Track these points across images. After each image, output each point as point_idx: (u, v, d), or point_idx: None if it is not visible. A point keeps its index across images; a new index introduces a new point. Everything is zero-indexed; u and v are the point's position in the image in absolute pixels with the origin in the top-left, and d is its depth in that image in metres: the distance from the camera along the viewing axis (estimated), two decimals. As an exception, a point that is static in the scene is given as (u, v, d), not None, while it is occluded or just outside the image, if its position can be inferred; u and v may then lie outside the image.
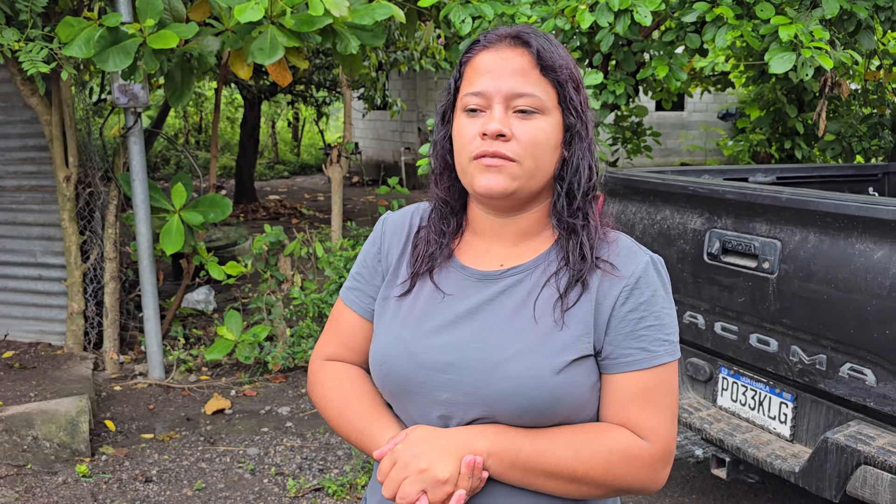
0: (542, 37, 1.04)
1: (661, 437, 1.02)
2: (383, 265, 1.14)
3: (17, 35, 3.50)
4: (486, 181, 1.00)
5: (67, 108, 4.18)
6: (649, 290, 1.03)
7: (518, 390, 0.97)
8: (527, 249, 1.07)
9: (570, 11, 3.57)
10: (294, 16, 3.60)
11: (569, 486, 0.99)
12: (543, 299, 1.02)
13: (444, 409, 1.02)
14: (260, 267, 4.55)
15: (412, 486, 0.96)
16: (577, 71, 1.05)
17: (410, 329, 1.06)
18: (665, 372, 1.03)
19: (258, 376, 4.39)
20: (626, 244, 1.07)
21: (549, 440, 0.99)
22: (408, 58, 6.64)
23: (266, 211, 9.97)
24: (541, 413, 0.99)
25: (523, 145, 0.99)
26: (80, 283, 4.36)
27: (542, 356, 0.99)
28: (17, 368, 4.16)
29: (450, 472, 0.96)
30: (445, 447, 0.97)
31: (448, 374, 1.01)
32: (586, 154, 1.05)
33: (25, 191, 4.48)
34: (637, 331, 1.02)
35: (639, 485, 1.02)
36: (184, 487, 3.19)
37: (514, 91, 0.99)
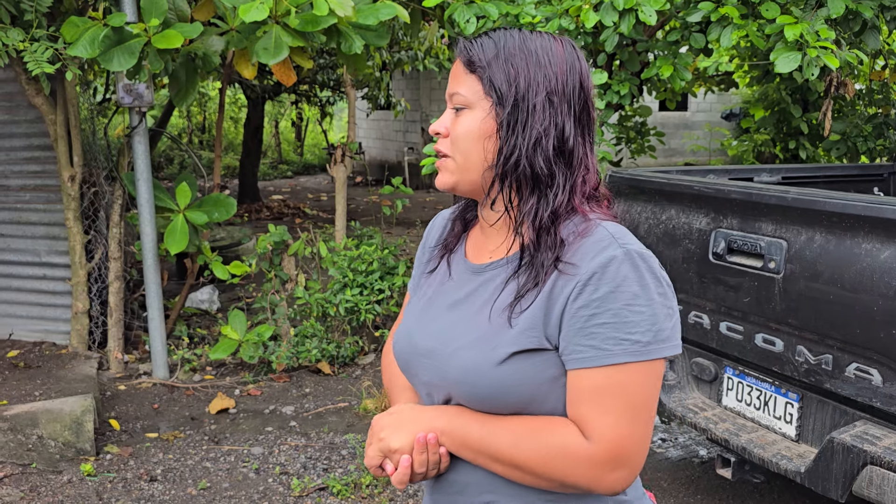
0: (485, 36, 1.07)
1: (604, 438, 0.99)
2: (425, 255, 1.27)
3: (22, 35, 3.51)
4: (437, 179, 1.12)
5: (72, 108, 4.19)
6: (608, 287, 0.99)
7: (465, 378, 1.05)
8: (507, 242, 1.11)
9: (574, 11, 3.57)
10: (298, 15, 3.60)
11: (513, 472, 1.04)
12: (504, 297, 1.07)
13: (426, 389, 1.14)
14: (264, 267, 4.55)
15: (373, 452, 1.10)
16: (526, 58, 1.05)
17: (416, 314, 1.18)
18: (621, 372, 0.99)
19: (262, 376, 4.40)
20: (595, 239, 1.03)
21: (496, 427, 1.04)
22: (411, 58, 6.64)
23: (269, 211, 9.98)
24: (487, 399, 1.05)
25: (452, 140, 1.09)
26: (85, 283, 4.36)
27: (486, 349, 1.04)
28: (22, 368, 4.16)
29: (400, 443, 1.07)
30: (406, 423, 1.09)
31: (427, 358, 1.12)
32: (526, 146, 1.04)
33: (30, 190, 4.49)
34: (587, 328, 1.00)
35: (580, 483, 1.01)
36: (188, 487, 3.19)
37: (449, 93, 1.10)
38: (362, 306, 4.41)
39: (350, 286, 4.49)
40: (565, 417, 1.04)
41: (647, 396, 1.01)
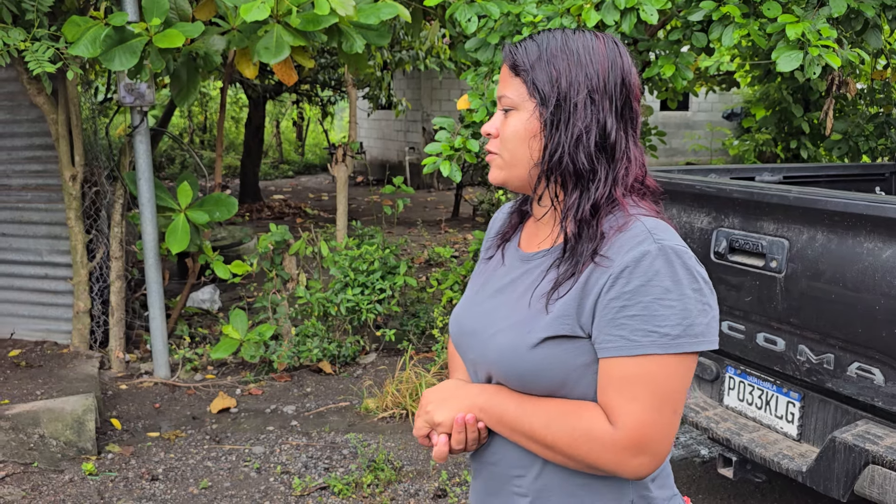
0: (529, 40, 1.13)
1: (627, 425, 1.03)
2: (487, 243, 1.33)
3: (24, 35, 3.51)
4: (489, 174, 1.19)
5: (73, 108, 4.19)
6: (639, 280, 1.03)
7: (502, 358, 1.12)
8: (554, 234, 1.17)
9: (575, 10, 3.56)
10: (300, 15, 3.60)
11: (544, 451, 1.10)
12: (544, 285, 1.12)
13: (472, 367, 1.22)
14: (265, 266, 4.55)
15: (420, 423, 1.19)
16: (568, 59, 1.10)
17: (469, 297, 1.27)
18: (649, 363, 1.03)
19: (263, 375, 4.40)
20: (632, 234, 1.06)
21: (531, 407, 1.10)
22: (413, 57, 6.64)
23: (271, 210, 9.98)
24: (521, 379, 1.11)
25: (501, 140, 1.15)
26: (87, 282, 4.37)
27: (522, 332, 1.10)
28: (24, 367, 4.17)
29: (443, 417, 1.16)
30: (450, 398, 1.18)
31: (472, 337, 1.20)
32: (569, 145, 1.09)
33: (31, 190, 4.50)
34: (618, 319, 1.04)
35: (603, 465, 1.06)
36: (190, 486, 3.19)
37: (497, 95, 1.17)
38: (363, 306, 4.41)
39: (351, 286, 4.49)
40: (595, 402, 1.09)
41: (674, 388, 1.04)
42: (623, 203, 1.09)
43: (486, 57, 3.81)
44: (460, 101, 3.83)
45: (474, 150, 3.74)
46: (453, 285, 4.81)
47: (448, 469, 3.32)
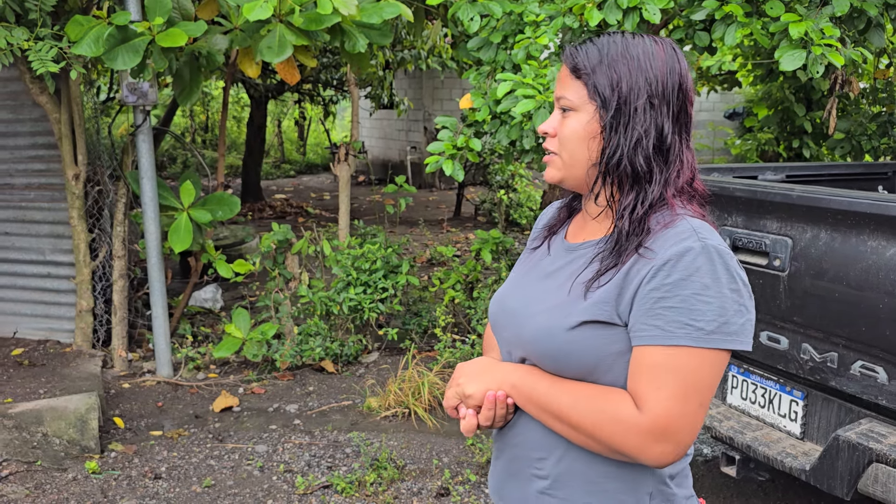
0: (589, 42, 1.16)
1: (652, 411, 1.06)
2: (535, 234, 1.39)
3: (27, 34, 3.52)
4: (545, 172, 1.24)
5: (76, 107, 4.19)
6: (680, 274, 1.07)
7: (538, 338, 1.17)
8: (603, 228, 1.21)
9: (578, 9, 3.56)
10: (302, 14, 3.60)
11: (570, 432, 1.13)
12: (587, 273, 1.17)
13: (507, 346, 1.26)
14: (268, 265, 4.56)
15: (451, 394, 1.24)
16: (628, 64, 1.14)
17: (512, 282, 1.32)
18: (680, 354, 1.06)
19: (266, 374, 4.40)
20: (677, 231, 1.11)
21: (560, 387, 1.14)
22: (415, 56, 6.64)
23: (272, 210, 9.98)
24: (555, 360, 1.15)
25: (560, 140, 1.19)
26: (89, 281, 4.37)
27: (560, 314, 1.15)
28: (27, 366, 4.17)
29: (474, 390, 1.20)
30: (483, 373, 1.22)
31: (510, 317, 1.25)
32: (628, 147, 1.14)
33: (34, 189, 4.50)
34: (655, 309, 1.08)
35: (626, 449, 1.09)
36: (193, 484, 3.20)
37: (556, 96, 1.20)
38: (366, 305, 4.41)
39: (353, 285, 4.49)
40: (623, 389, 1.12)
41: (703, 381, 1.07)
42: (672, 203, 1.14)
43: (488, 56, 3.81)
44: (463, 101, 3.83)
45: (477, 149, 3.75)
46: (455, 284, 4.81)
47: (451, 468, 3.32)
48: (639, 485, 1.15)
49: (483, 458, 3.35)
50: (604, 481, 1.15)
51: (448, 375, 4.09)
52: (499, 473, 1.28)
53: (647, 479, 1.16)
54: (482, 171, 9.10)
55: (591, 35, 3.89)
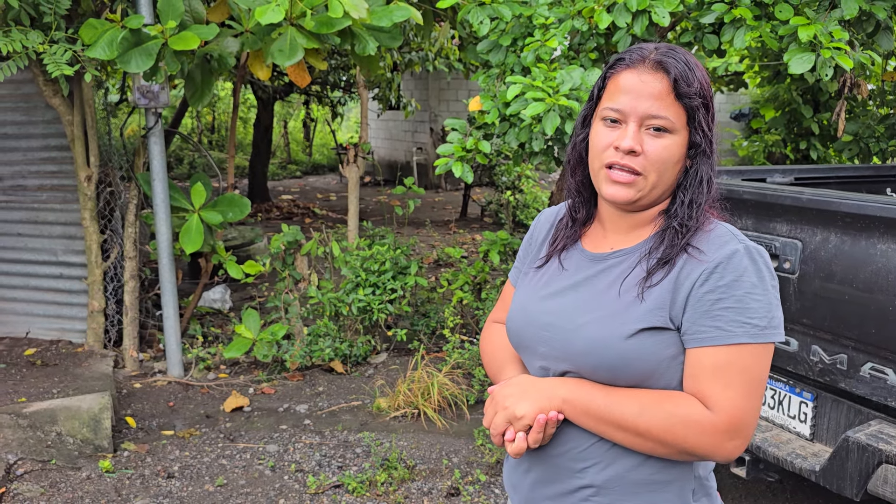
0: (681, 61, 1.16)
1: (724, 409, 1.10)
2: (533, 248, 1.38)
3: (42, 37, 3.55)
4: (613, 191, 1.19)
5: (89, 109, 4.23)
6: (732, 275, 1.12)
7: (592, 349, 1.16)
8: (635, 236, 1.23)
9: (587, 12, 3.58)
10: (314, 17, 3.63)
11: (634, 440, 1.14)
12: (632, 277, 1.18)
13: (542, 361, 1.23)
14: (277, 266, 4.59)
15: (499, 419, 1.20)
16: (710, 88, 1.18)
17: (531, 295, 1.29)
18: (742, 352, 1.11)
19: (276, 374, 4.43)
20: (720, 233, 1.17)
21: (620, 396, 1.14)
22: (422, 58, 6.67)
23: (279, 211, 10.02)
24: (611, 371, 1.15)
25: (650, 161, 1.16)
26: (101, 282, 4.41)
27: (616, 323, 1.15)
28: (40, 366, 4.21)
29: (525, 411, 1.17)
30: (529, 392, 1.19)
31: (546, 331, 1.22)
32: (709, 168, 1.18)
33: (47, 190, 4.54)
34: (713, 310, 1.12)
35: (701, 450, 1.12)
36: (205, 483, 3.23)
37: (648, 113, 1.16)
38: (375, 306, 4.44)
39: (363, 286, 4.52)
40: (682, 392, 1.15)
41: (761, 374, 1.13)
42: (707, 209, 1.20)
43: (497, 59, 3.83)
44: (472, 103, 3.85)
45: (486, 151, 3.77)
46: (463, 286, 4.83)
47: (461, 468, 3.35)
48: (684, 483, 1.20)
49: (493, 458, 3.38)
50: (649, 484, 1.18)
51: (457, 376, 4.11)
52: (531, 484, 1.26)
53: (690, 477, 1.21)
54: (488, 172, 9.12)
55: (600, 38, 3.88)
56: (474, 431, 3.64)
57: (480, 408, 4.01)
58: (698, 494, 1.22)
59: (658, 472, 1.18)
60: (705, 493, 1.24)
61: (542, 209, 6.46)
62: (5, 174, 4.58)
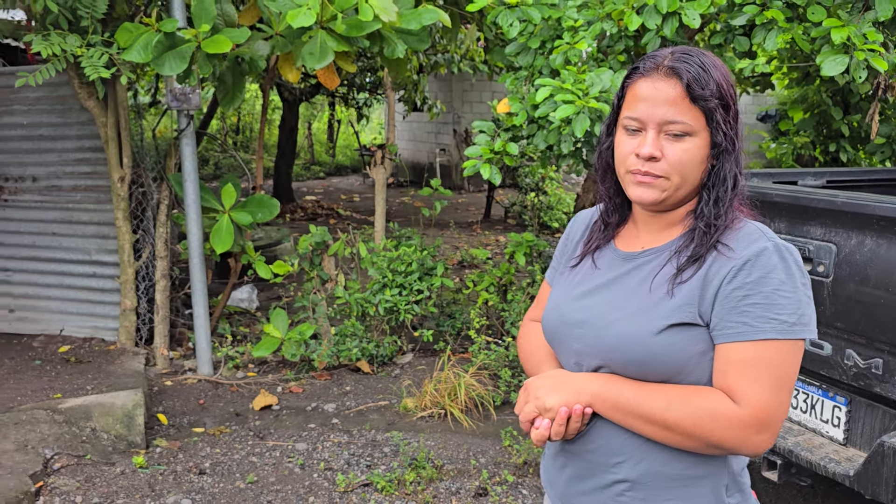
0: (695, 64, 1.18)
1: (751, 404, 1.12)
2: (568, 248, 1.43)
3: (80, 41, 3.63)
4: (639, 193, 1.23)
5: (122, 111, 4.30)
6: (759, 272, 1.14)
7: (622, 345, 1.19)
8: (666, 235, 1.27)
9: (616, 14, 3.58)
10: (344, 20, 3.67)
11: (663, 433, 1.17)
12: (663, 274, 1.21)
13: (576, 357, 1.28)
14: (305, 266, 4.63)
15: (530, 409, 1.24)
16: (730, 88, 1.19)
17: (565, 294, 1.34)
18: (769, 347, 1.13)
19: (303, 373, 4.48)
20: (749, 231, 1.19)
21: (648, 391, 1.18)
22: (448, 60, 6.70)
23: (304, 211, 10.10)
24: (641, 366, 1.18)
25: (671, 164, 1.20)
26: (133, 281, 4.48)
27: (646, 319, 1.18)
28: (73, 363, 4.29)
29: (554, 402, 1.22)
30: (561, 385, 1.23)
31: (579, 328, 1.26)
32: (733, 166, 1.20)
33: (81, 190, 4.63)
34: (740, 306, 1.14)
35: (728, 443, 1.14)
36: (236, 480, 3.27)
37: (665, 119, 1.19)
38: (401, 306, 4.47)
39: (389, 286, 4.55)
40: (709, 387, 1.17)
41: (789, 370, 1.15)
42: (737, 206, 1.23)
43: (525, 61, 3.84)
44: (500, 105, 3.87)
45: (514, 153, 3.78)
46: (489, 287, 4.85)
47: (488, 468, 3.36)
48: (718, 479, 1.21)
49: (520, 459, 3.39)
50: (683, 479, 1.20)
51: (483, 377, 4.13)
52: (567, 480, 1.30)
53: (723, 472, 1.22)
54: (511, 173, 9.13)
55: (629, 40, 3.88)
56: (501, 432, 3.65)
57: (507, 409, 4.02)
58: (731, 490, 1.23)
59: (691, 467, 1.20)
60: (738, 490, 1.25)
61: (567, 211, 6.42)
62: (41, 175, 4.67)
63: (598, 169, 1.35)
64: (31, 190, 4.71)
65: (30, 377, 4.08)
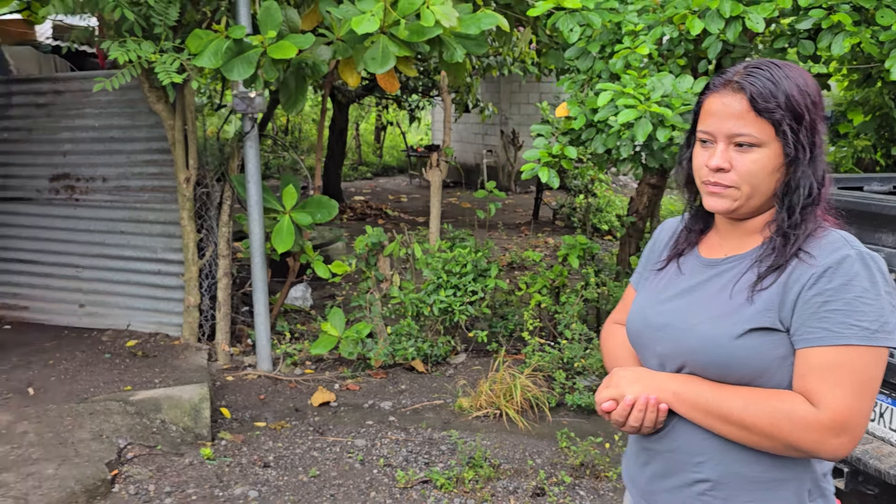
0: (764, 78, 1.21)
1: (830, 407, 1.14)
2: (654, 254, 1.48)
3: (153, 47, 3.77)
4: (711, 202, 1.29)
5: (189, 114, 4.45)
6: (841, 280, 1.16)
7: (703, 347, 1.24)
8: (748, 243, 1.30)
9: (678, 19, 3.58)
10: (406, 26, 3.74)
11: (741, 433, 1.20)
12: (744, 280, 1.25)
13: (658, 359, 1.33)
14: (362, 266, 4.72)
15: (608, 393, 1.31)
16: (805, 99, 1.21)
17: (650, 298, 1.39)
18: (850, 353, 1.15)
19: (359, 371, 4.57)
20: (832, 239, 1.22)
21: (727, 392, 1.21)
22: (500, 63, 6.74)
23: (353, 211, 10.24)
24: (722, 368, 1.22)
25: (740, 175, 1.24)
26: (196, 279, 4.63)
27: (726, 324, 1.22)
28: (140, 356, 4.45)
29: (633, 393, 1.28)
30: (642, 379, 1.30)
31: (662, 332, 1.32)
32: (808, 175, 1.22)
33: (148, 191, 4.80)
34: (820, 312, 1.17)
35: (806, 445, 1.16)
36: (300, 473, 3.37)
37: (732, 132, 1.24)
38: (456, 307, 4.52)
39: (444, 287, 4.61)
40: (789, 391, 1.19)
41: (871, 377, 1.17)
42: (821, 216, 1.24)
43: (585, 65, 3.87)
44: (559, 109, 3.90)
45: (572, 157, 3.81)
46: (542, 289, 4.87)
47: (545, 469, 3.40)
48: (800, 482, 1.24)
49: (577, 461, 3.41)
50: (764, 481, 1.23)
51: (538, 379, 4.16)
52: (649, 477, 1.36)
53: (806, 477, 1.24)
54: (560, 175, 9.11)
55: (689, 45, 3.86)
56: (557, 434, 3.68)
57: (562, 410, 4.05)
58: (814, 495, 1.25)
59: (772, 469, 1.22)
60: (821, 495, 1.27)
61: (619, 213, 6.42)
62: (111, 175, 4.86)
63: (680, 179, 1.40)
64: (101, 190, 4.89)
65: (101, 370, 4.25)
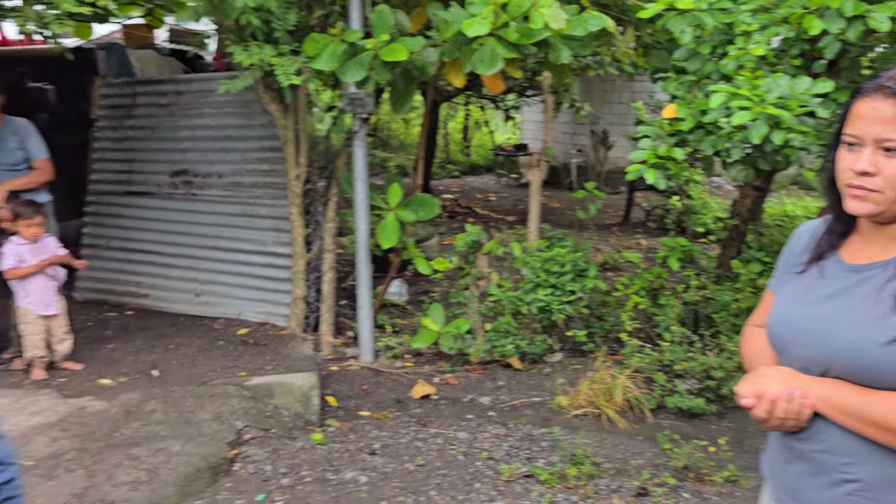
0: None
1: None
2: (792, 258, 1.50)
3: (273, 51, 3.97)
4: (853, 205, 1.32)
5: (301, 114, 4.66)
6: None
7: (848, 354, 1.26)
8: (892, 248, 1.31)
9: (795, 18, 3.51)
10: (515, 29, 3.81)
11: (885, 435, 1.23)
12: (890, 288, 1.26)
13: (801, 363, 1.35)
14: (461, 263, 4.82)
15: (751, 389, 1.34)
16: None
17: (791, 302, 1.41)
18: None
19: (458, 366, 4.67)
20: None
21: (874, 397, 1.24)
22: (598, 63, 6.71)
23: (443, 210, 10.39)
24: (868, 375, 1.24)
25: (886, 179, 1.27)
26: (304, 272, 4.84)
27: (872, 331, 1.24)
28: (251, 344, 4.70)
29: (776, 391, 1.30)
30: (787, 379, 1.32)
31: (804, 336, 1.34)
32: None
33: (260, 187, 5.04)
34: None
35: None
36: (405, 462, 3.49)
37: (881, 137, 1.26)
38: (554, 306, 4.56)
39: (542, 286, 4.65)
40: None
41: None
42: None
43: (695, 66, 3.83)
44: (665, 111, 3.88)
45: (679, 158, 3.78)
46: (639, 290, 4.85)
47: (647, 469, 3.40)
48: None
49: (681, 463, 3.40)
50: None
51: (638, 380, 4.16)
52: (796, 475, 1.38)
53: None
54: (654, 176, 8.97)
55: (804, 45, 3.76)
56: (658, 435, 3.67)
57: (662, 412, 4.03)
58: None
59: None
60: None
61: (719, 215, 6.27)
62: (225, 172, 5.14)
63: (824, 182, 1.41)
64: (217, 185, 5.18)
65: (216, 355, 4.51)
